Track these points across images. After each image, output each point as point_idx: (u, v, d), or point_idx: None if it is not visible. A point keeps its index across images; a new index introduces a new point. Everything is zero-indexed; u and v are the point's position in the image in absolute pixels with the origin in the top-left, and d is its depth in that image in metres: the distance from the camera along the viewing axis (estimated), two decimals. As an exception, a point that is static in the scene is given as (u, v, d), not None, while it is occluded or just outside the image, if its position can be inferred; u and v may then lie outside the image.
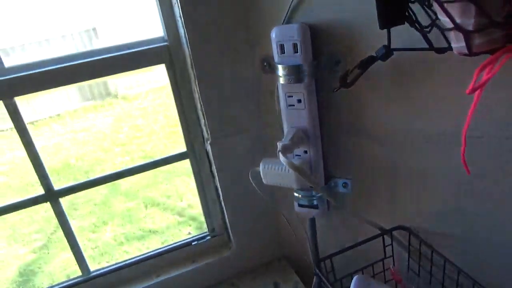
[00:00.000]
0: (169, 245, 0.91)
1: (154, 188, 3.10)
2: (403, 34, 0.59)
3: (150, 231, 2.78)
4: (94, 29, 4.55)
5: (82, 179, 1.24)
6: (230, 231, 0.90)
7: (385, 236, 0.74)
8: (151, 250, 0.90)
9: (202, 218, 0.92)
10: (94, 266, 0.89)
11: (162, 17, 0.72)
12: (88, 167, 3.52)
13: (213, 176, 0.87)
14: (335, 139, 0.74)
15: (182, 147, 0.86)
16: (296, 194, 0.78)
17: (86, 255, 0.86)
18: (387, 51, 0.58)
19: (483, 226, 0.65)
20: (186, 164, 0.88)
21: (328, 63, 0.68)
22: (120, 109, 4.65)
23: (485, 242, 0.66)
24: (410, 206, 0.71)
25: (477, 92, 0.48)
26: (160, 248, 0.90)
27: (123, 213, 2.93)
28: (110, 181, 0.82)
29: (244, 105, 0.79)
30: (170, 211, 2.93)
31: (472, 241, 0.67)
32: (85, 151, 3.80)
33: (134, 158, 3.64)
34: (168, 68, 0.76)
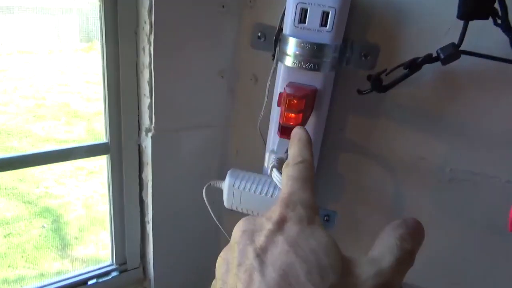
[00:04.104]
0: (48, 284, 0.58)
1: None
2: (476, 34, 0.43)
3: (-12, 221, 2.19)
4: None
5: None
6: (150, 263, 0.63)
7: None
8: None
9: (61, 211, 0.63)
10: None
11: None
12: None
13: (141, 184, 0.59)
14: (332, 156, 0.55)
15: (96, 136, 0.56)
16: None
17: None
18: (455, 52, 0.42)
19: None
20: (92, 160, 0.58)
21: (355, 52, 0.49)
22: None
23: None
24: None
25: None
26: (35, 289, 0.57)
27: (-50, 198, 2.26)
28: None
29: (211, 89, 0.54)
30: (21, 198, 2.38)
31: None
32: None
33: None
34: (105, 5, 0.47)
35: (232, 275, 0.22)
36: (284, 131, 0.43)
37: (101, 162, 0.78)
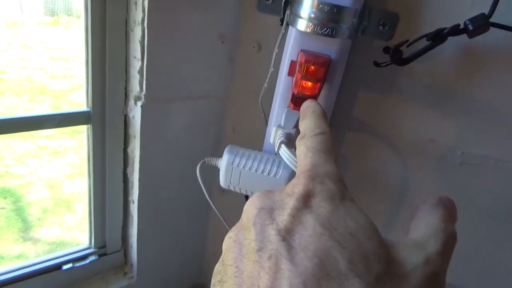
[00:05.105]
0: (18, 269, 0.52)
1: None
2: (506, 6, 0.40)
3: None
4: None
5: None
6: (133, 247, 0.57)
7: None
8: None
9: (22, 192, 0.58)
10: None
11: None
12: None
13: (126, 160, 0.53)
14: (335, 135, 0.52)
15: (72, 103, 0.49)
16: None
17: None
18: (485, 24, 0.38)
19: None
20: (73, 133, 0.52)
21: (372, 21, 0.45)
22: None
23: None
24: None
25: None
26: (4, 273, 0.50)
27: None
28: None
29: (210, 55, 0.49)
30: (-28, 175, 2.21)
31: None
32: None
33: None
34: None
35: (250, 262, 0.18)
36: (298, 101, 0.39)
37: (67, 142, 0.70)
